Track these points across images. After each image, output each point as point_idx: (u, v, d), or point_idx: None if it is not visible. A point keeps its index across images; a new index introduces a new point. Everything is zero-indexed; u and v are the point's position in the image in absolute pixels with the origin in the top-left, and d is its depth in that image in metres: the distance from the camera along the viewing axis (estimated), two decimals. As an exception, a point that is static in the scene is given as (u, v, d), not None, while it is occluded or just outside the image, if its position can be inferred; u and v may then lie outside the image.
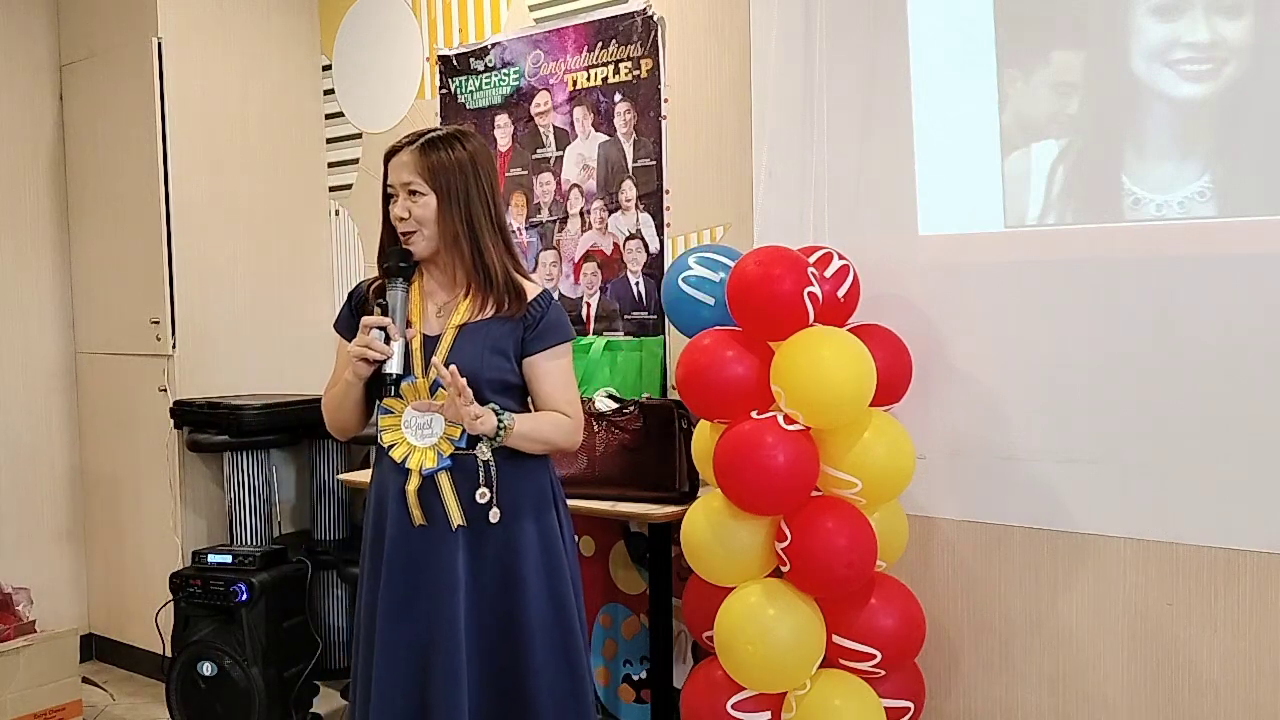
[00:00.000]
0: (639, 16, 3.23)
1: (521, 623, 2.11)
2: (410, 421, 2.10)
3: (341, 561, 3.66)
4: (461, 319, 2.12)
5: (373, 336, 2.05)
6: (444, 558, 2.09)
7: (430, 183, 2.09)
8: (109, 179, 4.01)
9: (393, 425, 2.12)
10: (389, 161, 2.14)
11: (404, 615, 2.10)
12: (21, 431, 4.09)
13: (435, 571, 2.09)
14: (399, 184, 2.11)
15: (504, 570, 2.11)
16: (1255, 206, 2.27)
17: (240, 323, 4.01)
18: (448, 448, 2.09)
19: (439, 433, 2.10)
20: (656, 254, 3.23)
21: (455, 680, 2.07)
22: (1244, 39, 2.26)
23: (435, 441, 2.10)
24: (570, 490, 2.32)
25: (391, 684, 2.10)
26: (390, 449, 2.11)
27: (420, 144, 2.11)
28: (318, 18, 4.21)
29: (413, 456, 2.10)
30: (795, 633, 2.41)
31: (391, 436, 2.11)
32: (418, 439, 2.10)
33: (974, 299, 2.61)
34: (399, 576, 2.11)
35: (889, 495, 2.52)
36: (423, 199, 2.09)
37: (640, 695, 3.23)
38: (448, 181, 2.09)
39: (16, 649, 3.44)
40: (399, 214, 2.10)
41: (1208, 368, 2.31)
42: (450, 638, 2.07)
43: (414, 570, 2.10)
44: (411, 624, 2.10)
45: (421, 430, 2.10)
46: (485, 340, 2.11)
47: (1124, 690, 2.46)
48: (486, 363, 2.09)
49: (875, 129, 2.72)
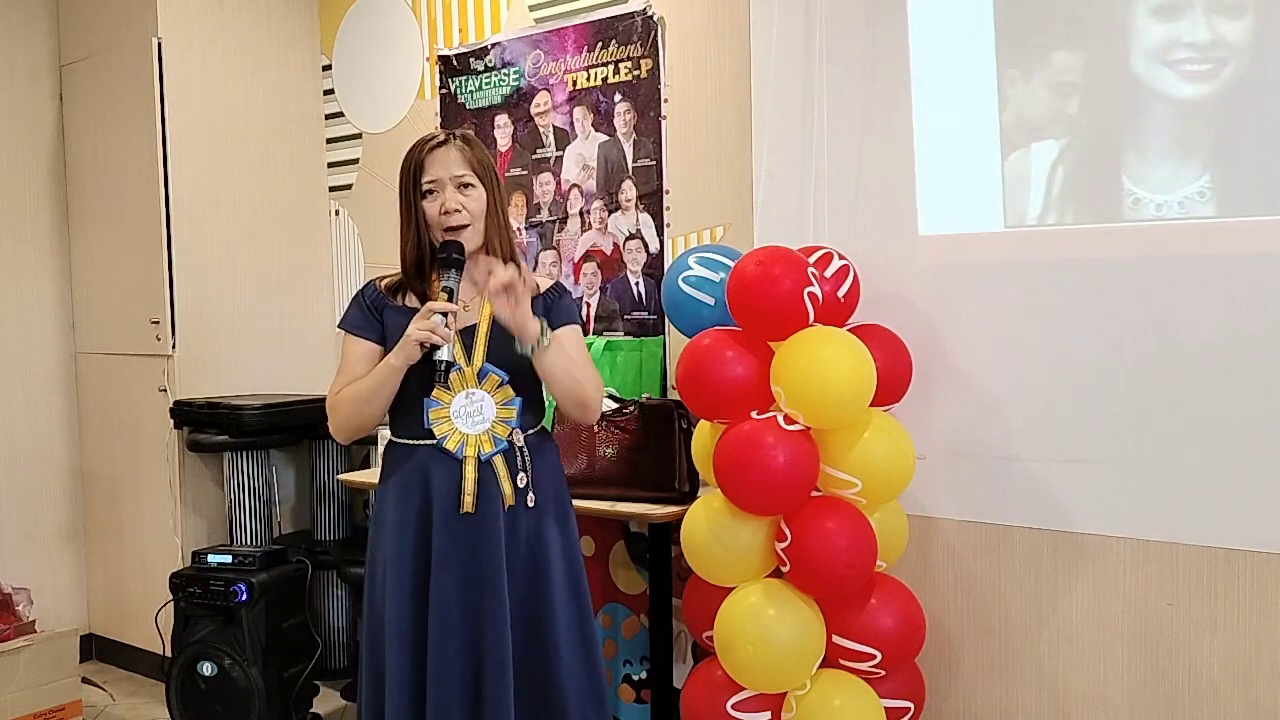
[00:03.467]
0: (639, 16, 3.23)
1: (548, 607, 2.17)
2: (459, 410, 2.14)
3: (341, 561, 3.66)
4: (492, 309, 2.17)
5: (435, 321, 2.05)
6: (489, 542, 2.13)
7: (481, 176, 2.16)
8: (109, 179, 4.01)
9: (442, 416, 2.14)
10: (427, 156, 2.15)
11: (455, 609, 2.12)
12: (21, 431, 4.09)
13: (481, 556, 2.12)
14: (449, 177, 2.14)
15: (532, 555, 2.17)
16: (1255, 206, 2.27)
17: (240, 323, 4.01)
18: (503, 430, 2.15)
19: (491, 418, 2.15)
20: (656, 254, 3.23)
21: (503, 672, 2.10)
22: (1244, 39, 2.26)
23: (489, 427, 2.15)
24: (570, 490, 2.33)
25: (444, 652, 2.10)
26: (443, 440, 2.13)
27: (461, 139, 2.18)
28: (318, 18, 4.21)
29: (468, 443, 2.13)
30: (795, 633, 2.41)
31: (442, 429, 2.14)
32: (469, 426, 2.14)
33: (974, 299, 2.61)
34: (449, 570, 2.12)
35: (889, 495, 2.52)
36: (474, 192, 2.16)
37: (640, 695, 3.23)
38: (490, 177, 2.18)
39: (16, 649, 3.44)
40: (452, 206, 2.13)
41: (1208, 368, 2.31)
42: (500, 632, 2.11)
43: (464, 562, 2.13)
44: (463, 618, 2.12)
45: (472, 418, 2.15)
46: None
47: (1124, 690, 2.46)
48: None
49: (875, 129, 2.72)
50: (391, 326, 2.17)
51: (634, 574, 3.27)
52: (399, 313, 2.18)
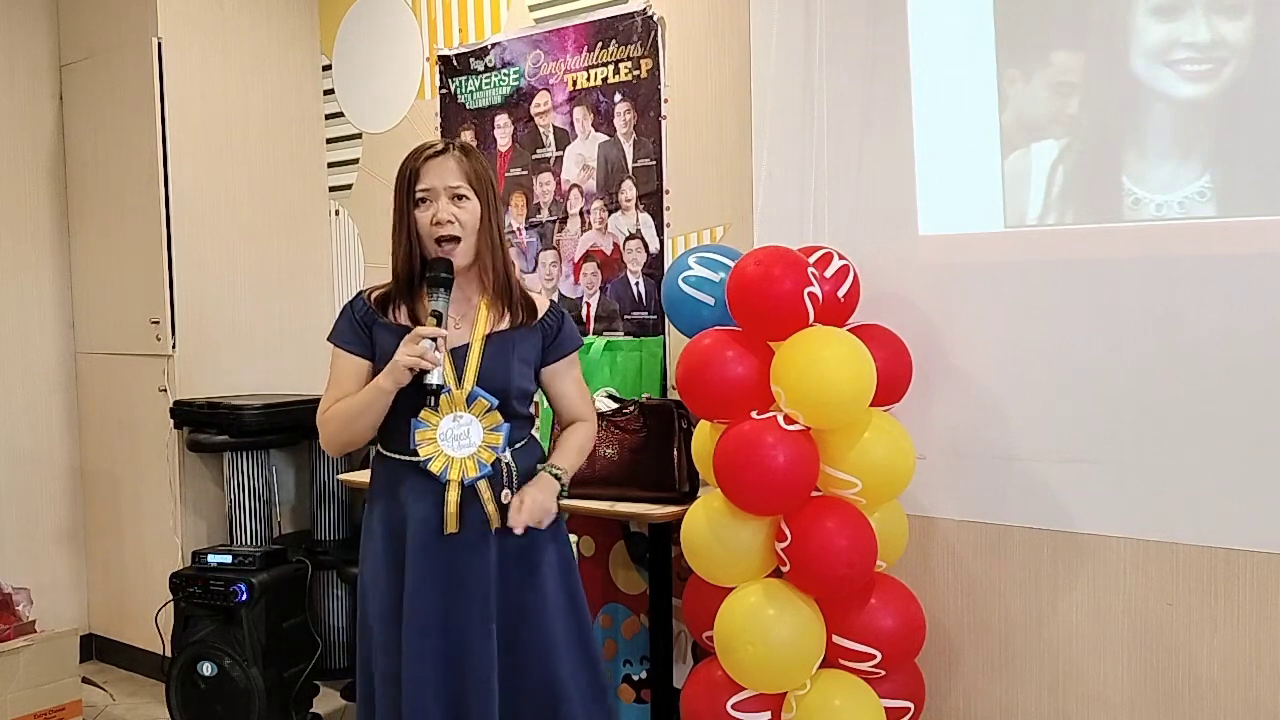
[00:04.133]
0: (639, 16, 3.23)
1: (543, 617, 2.16)
2: (446, 433, 2.10)
3: (341, 561, 3.66)
4: (485, 329, 2.15)
5: (424, 346, 2.02)
6: (476, 564, 2.11)
7: (476, 189, 2.11)
8: (109, 179, 4.01)
9: (428, 439, 2.10)
10: (423, 165, 2.10)
11: (435, 627, 2.10)
12: (21, 431, 4.09)
13: (467, 579, 2.10)
14: (444, 187, 2.09)
15: (526, 568, 2.16)
16: (1255, 206, 2.27)
17: (240, 323, 4.01)
18: (489, 456, 2.12)
19: (477, 441, 2.12)
20: (656, 254, 3.23)
21: (488, 689, 2.08)
22: (1244, 39, 2.26)
23: (475, 450, 2.11)
24: (570, 490, 2.32)
25: (423, 695, 2.08)
26: (427, 462, 2.10)
27: (459, 149, 2.13)
28: (318, 18, 4.21)
29: (453, 468, 2.10)
30: (795, 633, 2.41)
31: (428, 450, 2.11)
32: (455, 450, 2.11)
33: (974, 299, 2.61)
34: (430, 587, 2.10)
35: (889, 495, 2.52)
36: (468, 204, 2.10)
37: (640, 695, 3.23)
38: (486, 190, 2.13)
39: (16, 649, 3.44)
40: (444, 217, 2.08)
41: (1208, 368, 2.31)
42: (484, 648, 2.09)
43: (444, 579, 2.11)
44: (443, 635, 2.10)
45: (459, 441, 2.11)
46: (513, 351, 2.15)
47: (1124, 690, 2.46)
48: (517, 373, 2.15)
49: (875, 129, 2.72)
50: (381, 345, 2.12)
51: (634, 574, 3.27)
52: (388, 331, 2.13)
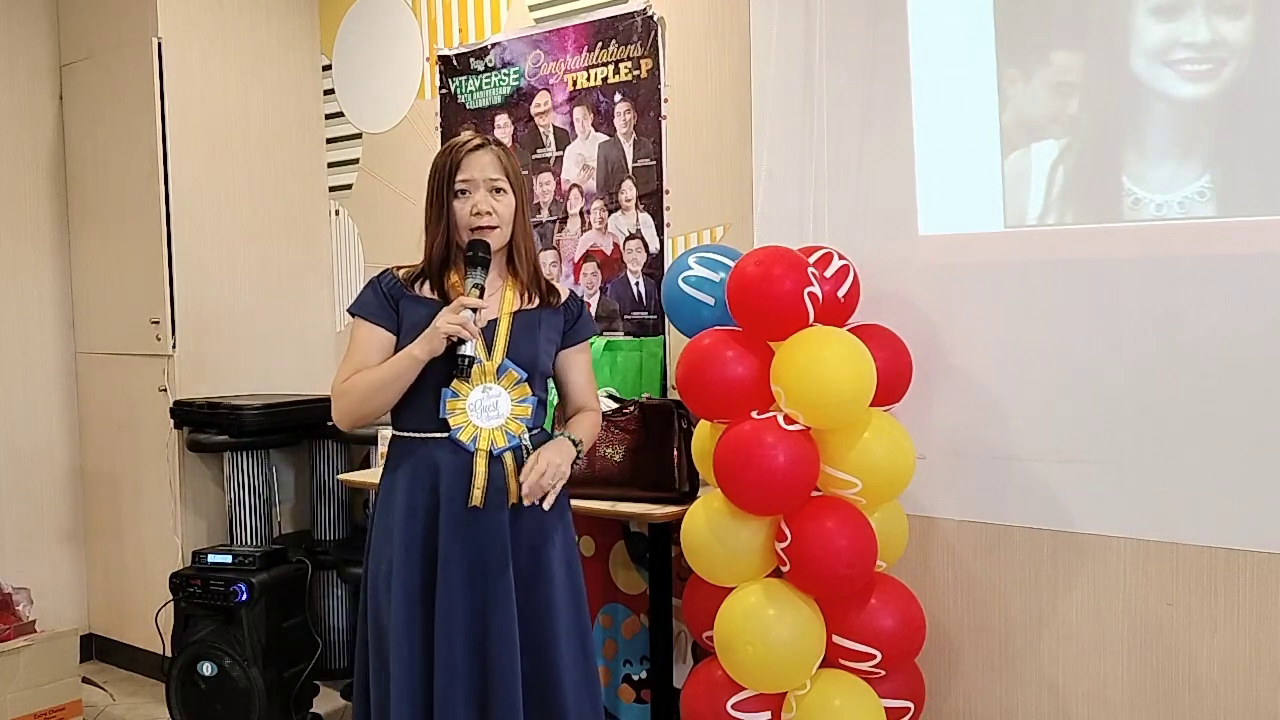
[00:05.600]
0: (639, 16, 3.23)
1: (548, 603, 2.19)
2: (475, 404, 2.16)
3: (341, 561, 3.66)
4: (511, 306, 2.23)
5: (465, 316, 2.09)
6: (495, 539, 2.15)
7: (512, 183, 2.22)
8: (109, 179, 4.01)
9: (458, 409, 2.16)
10: (465, 157, 2.19)
11: (463, 584, 2.14)
12: (21, 431, 4.09)
13: (486, 553, 2.15)
14: (484, 179, 2.18)
15: (534, 553, 2.19)
16: (1255, 206, 2.27)
17: (240, 323, 4.01)
18: (517, 427, 2.19)
19: (506, 413, 2.18)
20: (656, 254, 3.23)
21: (510, 648, 2.13)
22: (1244, 39, 2.26)
23: (503, 422, 2.18)
24: (570, 490, 2.32)
25: (451, 648, 2.13)
26: (457, 431, 2.16)
27: (497, 144, 2.24)
28: (318, 18, 4.21)
29: (481, 438, 2.16)
30: (795, 633, 2.41)
31: (458, 420, 2.16)
32: (484, 420, 2.17)
33: (974, 299, 2.61)
34: (457, 553, 2.14)
35: (889, 495, 2.52)
36: (505, 197, 2.21)
37: (640, 695, 3.23)
38: (520, 185, 2.25)
39: (16, 649, 3.45)
40: (484, 208, 2.17)
41: (1208, 368, 2.31)
42: (505, 610, 2.14)
43: (465, 553, 2.15)
44: (470, 591, 2.15)
45: (487, 412, 2.17)
46: (540, 330, 2.24)
47: (1124, 690, 2.46)
48: (543, 351, 2.24)
49: (875, 129, 2.72)
50: (410, 318, 2.18)
51: (634, 574, 3.27)
52: (418, 303, 2.19)
